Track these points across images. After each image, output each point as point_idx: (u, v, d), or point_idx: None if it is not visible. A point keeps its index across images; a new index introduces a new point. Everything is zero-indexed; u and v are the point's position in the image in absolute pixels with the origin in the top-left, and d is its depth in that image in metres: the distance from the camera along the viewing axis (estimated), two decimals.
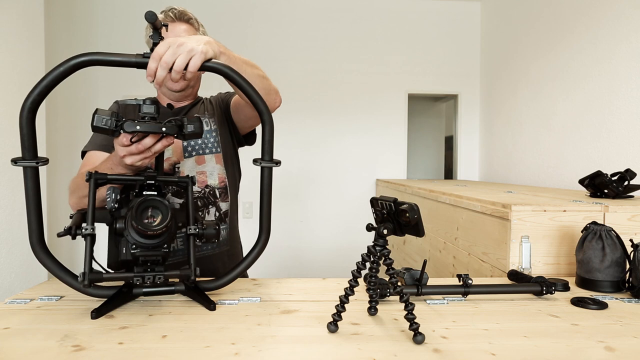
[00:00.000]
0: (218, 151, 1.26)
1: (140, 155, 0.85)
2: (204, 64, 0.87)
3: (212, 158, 1.25)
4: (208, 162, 1.25)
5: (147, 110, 0.83)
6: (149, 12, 0.78)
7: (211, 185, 1.24)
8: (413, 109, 4.11)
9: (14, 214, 2.18)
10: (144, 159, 0.86)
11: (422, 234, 0.73)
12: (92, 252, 0.81)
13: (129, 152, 0.84)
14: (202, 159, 1.24)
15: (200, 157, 1.23)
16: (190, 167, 1.22)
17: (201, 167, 1.23)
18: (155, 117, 0.84)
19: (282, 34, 3.72)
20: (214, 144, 1.26)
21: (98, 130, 0.80)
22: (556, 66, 2.71)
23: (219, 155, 1.26)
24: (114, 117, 0.80)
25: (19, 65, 2.24)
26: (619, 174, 1.51)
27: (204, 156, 1.24)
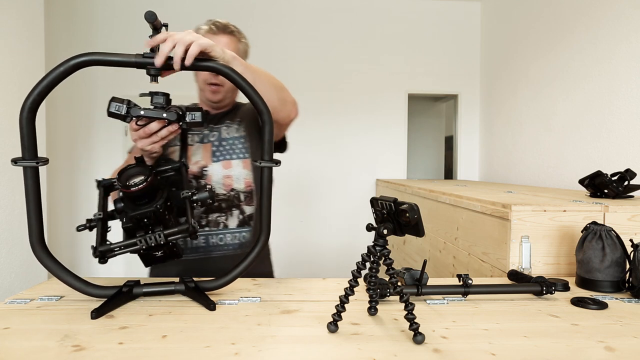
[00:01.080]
0: (246, 157, 1.30)
1: (149, 139, 0.94)
2: (204, 64, 0.87)
3: (240, 163, 1.29)
4: (235, 167, 1.29)
5: (156, 100, 0.92)
6: (149, 12, 0.78)
7: (236, 189, 1.28)
8: (413, 109, 4.11)
9: (14, 214, 2.18)
10: (152, 143, 0.95)
11: (422, 234, 0.73)
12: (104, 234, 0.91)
13: (138, 136, 0.94)
14: (229, 163, 1.28)
15: (227, 162, 1.28)
16: (217, 171, 1.27)
17: (228, 172, 1.28)
18: (163, 106, 0.91)
19: (282, 34, 3.72)
20: (241, 150, 1.31)
21: (112, 115, 0.89)
22: (556, 66, 2.71)
23: (246, 161, 1.30)
24: (125, 104, 0.88)
25: (19, 65, 2.24)
26: (619, 174, 1.51)
27: (231, 161, 1.29)
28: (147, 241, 0.89)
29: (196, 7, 3.67)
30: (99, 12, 3.61)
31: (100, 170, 3.63)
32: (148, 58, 0.83)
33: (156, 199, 0.91)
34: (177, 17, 3.60)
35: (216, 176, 1.26)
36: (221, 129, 1.32)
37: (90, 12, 3.59)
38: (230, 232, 1.28)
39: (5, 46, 2.15)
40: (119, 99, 0.89)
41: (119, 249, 0.89)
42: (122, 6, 3.61)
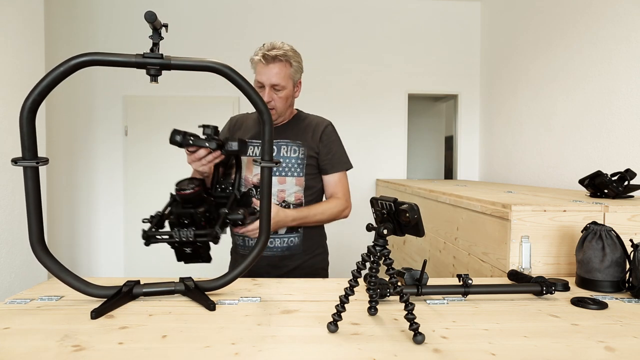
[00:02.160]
0: (300, 175, 1.48)
1: (199, 162, 1.19)
2: (205, 65, 0.87)
3: (293, 180, 1.48)
4: (289, 183, 1.47)
5: (206, 131, 1.17)
6: (149, 12, 0.78)
7: (288, 201, 1.47)
8: (413, 109, 4.10)
9: (14, 214, 2.18)
10: (201, 165, 1.20)
11: (422, 234, 0.73)
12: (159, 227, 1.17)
13: (190, 159, 1.21)
14: (284, 179, 1.47)
15: (282, 178, 1.47)
16: (273, 184, 1.42)
17: (282, 186, 1.47)
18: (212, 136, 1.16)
19: (282, 34, 3.72)
20: (296, 169, 1.48)
21: (173, 144, 1.17)
22: (556, 66, 2.71)
23: (300, 179, 1.48)
24: (181, 135, 1.15)
25: (19, 65, 2.23)
26: (619, 174, 1.51)
27: (285, 178, 1.47)
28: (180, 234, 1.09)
29: (196, 7, 3.67)
30: (99, 12, 3.61)
31: (100, 170, 3.63)
32: (148, 58, 0.83)
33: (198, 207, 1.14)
34: (177, 17, 3.60)
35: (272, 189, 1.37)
36: (281, 146, 1.49)
37: (90, 12, 3.59)
38: (279, 237, 1.46)
39: (6, 46, 2.15)
40: (178, 130, 1.16)
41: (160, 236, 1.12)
42: (122, 6, 3.61)
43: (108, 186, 3.65)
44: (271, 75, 1.40)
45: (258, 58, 1.42)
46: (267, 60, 1.40)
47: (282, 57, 1.41)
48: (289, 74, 1.44)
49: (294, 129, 1.52)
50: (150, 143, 3.58)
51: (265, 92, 1.40)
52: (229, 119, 1.65)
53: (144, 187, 3.59)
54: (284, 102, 1.45)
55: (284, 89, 1.42)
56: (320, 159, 1.52)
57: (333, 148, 1.53)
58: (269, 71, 1.40)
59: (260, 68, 1.42)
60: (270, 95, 1.41)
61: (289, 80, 1.44)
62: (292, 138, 1.49)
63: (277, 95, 1.42)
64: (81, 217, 3.58)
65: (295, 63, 1.46)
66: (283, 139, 1.49)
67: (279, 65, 1.41)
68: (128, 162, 3.59)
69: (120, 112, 3.61)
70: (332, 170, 1.52)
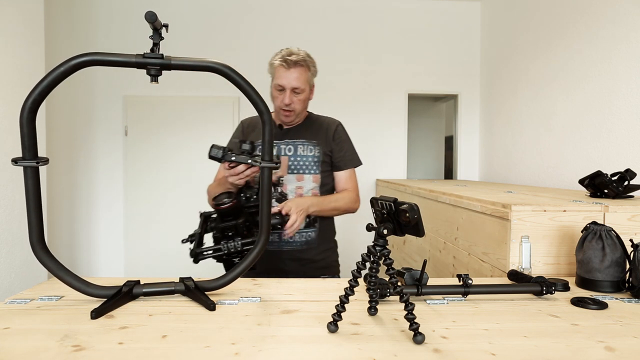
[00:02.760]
0: (316, 173, 1.58)
1: (236, 176, 1.26)
2: (205, 65, 0.87)
3: (310, 178, 1.57)
4: (306, 180, 1.57)
5: (244, 148, 1.23)
6: (149, 12, 0.78)
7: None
8: (413, 109, 4.10)
9: (14, 214, 2.18)
10: (238, 179, 1.28)
11: (422, 234, 0.73)
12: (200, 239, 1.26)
13: (229, 174, 1.27)
14: (302, 177, 1.56)
15: (300, 176, 1.56)
16: (291, 182, 1.55)
17: (300, 183, 1.56)
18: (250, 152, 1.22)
19: (282, 34, 3.72)
20: (313, 167, 1.58)
21: (212, 158, 1.22)
22: (556, 66, 2.71)
23: (316, 177, 1.58)
24: (222, 150, 1.21)
25: (19, 65, 2.23)
26: (619, 174, 1.51)
27: (303, 175, 1.56)
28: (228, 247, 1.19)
29: (196, 7, 3.67)
30: (99, 12, 3.61)
31: (100, 170, 3.63)
32: (148, 58, 0.83)
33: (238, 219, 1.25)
34: (177, 17, 3.60)
35: (290, 185, 1.55)
36: (298, 146, 1.58)
37: (90, 12, 3.59)
38: (298, 232, 1.52)
39: (6, 46, 2.15)
40: (217, 146, 1.23)
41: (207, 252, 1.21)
42: (122, 6, 3.61)
43: (108, 186, 3.65)
44: (292, 79, 1.49)
45: (279, 62, 1.51)
46: (289, 65, 1.49)
47: (302, 62, 1.51)
48: (308, 78, 1.54)
49: (309, 129, 1.62)
50: (150, 143, 3.58)
51: (286, 94, 1.50)
52: (239, 122, 1.72)
53: (144, 187, 3.59)
54: (302, 104, 1.55)
55: (302, 92, 1.53)
56: (334, 157, 1.62)
57: (344, 146, 1.65)
58: (290, 75, 1.49)
59: (282, 72, 1.50)
60: (291, 98, 1.50)
61: (307, 84, 1.54)
62: (308, 138, 1.60)
63: (297, 98, 1.52)
64: (81, 217, 3.58)
65: (312, 68, 1.58)
66: (299, 138, 1.59)
67: (299, 69, 1.50)
68: (128, 162, 3.59)
69: (120, 112, 3.61)
70: (344, 167, 1.63)
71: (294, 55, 1.51)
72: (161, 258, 3.56)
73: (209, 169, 4.07)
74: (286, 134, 1.60)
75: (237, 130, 1.71)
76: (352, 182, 1.65)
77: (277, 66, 1.51)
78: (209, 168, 4.02)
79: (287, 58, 1.49)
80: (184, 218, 3.61)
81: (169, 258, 3.54)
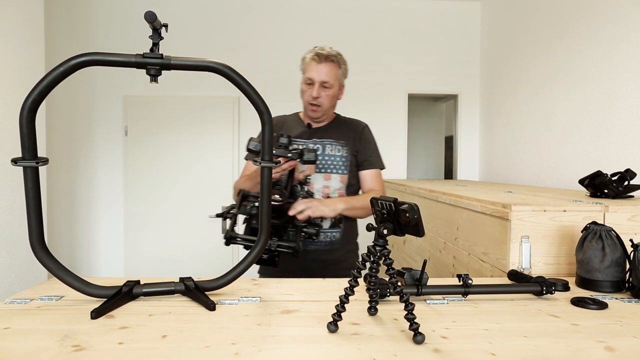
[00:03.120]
0: (344, 173, 1.59)
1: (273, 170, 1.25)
2: (204, 65, 0.87)
3: (337, 177, 1.58)
4: (333, 179, 1.57)
5: (282, 141, 1.26)
6: (149, 12, 0.78)
7: (331, 197, 1.56)
8: (413, 109, 4.10)
9: (14, 214, 2.18)
10: (275, 173, 1.29)
11: (422, 234, 0.73)
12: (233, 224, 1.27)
13: None
14: (329, 176, 1.57)
15: (327, 175, 1.57)
16: (318, 181, 1.56)
17: (327, 182, 1.57)
18: (287, 146, 1.26)
19: (281, 34, 3.72)
20: (340, 167, 1.59)
21: (250, 152, 1.25)
22: (556, 66, 2.71)
23: (344, 177, 1.59)
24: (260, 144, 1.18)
25: (19, 65, 2.23)
26: (619, 174, 1.51)
27: (330, 174, 1.57)
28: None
29: (196, 7, 3.67)
30: (99, 12, 3.61)
31: (100, 170, 3.63)
32: (148, 58, 0.83)
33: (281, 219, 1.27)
34: (177, 17, 3.60)
35: (317, 185, 1.55)
36: (326, 145, 1.59)
37: (90, 12, 3.59)
38: (323, 231, 1.53)
39: (5, 46, 2.15)
40: (256, 139, 1.25)
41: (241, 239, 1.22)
42: (122, 6, 3.61)
43: (108, 186, 3.65)
44: (322, 73, 1.51)
45: (311, 56, 1.53)
46: (320, 59, 1.51)
47: (333, 57, 1.53)
48: (338, 74, 1.56)
49: (337, 129, 1.64)
50: (150, 143, 3.58)
51: (314, 88, 1.51)
52: None
53: (144, 187, 3.59)
54: (330, 100, 1.56)
55: (331, 88, 1.54)
56: (359, 157, 1.63)
57: (370, 147, 1.66)
58: (320, 69, 1.51)
59: (312, 66, 1.52)
60: (319, 92, 1.52)
61: (336, 81, 1.56)
62: (336, 138, 1.61)
63: (325, 93, 1.53)
64: (81, 217, 3.58)
65: (343, 66, 1.59)
66: (327, 138, 1.60)
67: (330, 64, 1.52)
68: (128, 162, 3.59)
69: (120, 112, 3.61)
70: (369, 167, 1.64)
71: (326, 51, 1.54)
72: (161, 258, 3.56)
73: (209, 169, 4.05)
74: (314, 133, 1.61)
75: None
76: (379, 182, 1.65)
77: (309, 60, 1.53)
78: (209, 168, 4.00)
79: (320, 52, 1.52)
80: (184, 218, 3.62)
81: (169, 258, 3.54)
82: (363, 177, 1.64)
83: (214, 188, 3.55)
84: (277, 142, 1.26)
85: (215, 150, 3.55)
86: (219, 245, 3.74)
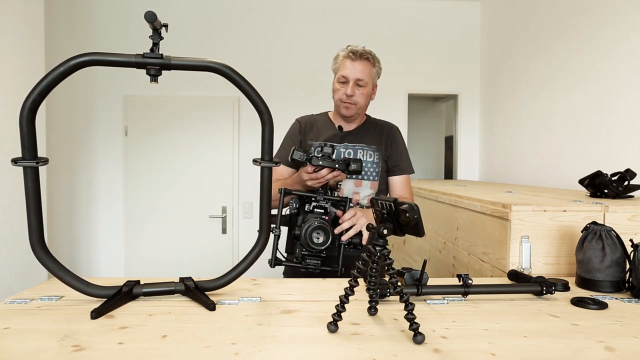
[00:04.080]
0: (375, 179, 1.56)
1: (317, 180, 1.28)
2: (204, 65, 0.87)
3: (368, 184, 1.55)
4: (364, 186, 1.55)
5: (326, 151, 1.27)
6: (149, 12, 0.78)
7: (361, 204, 1.54)
8: (413, 109, 4.10)
9: (14, 214, 2.18)
10: (318, 183, 1.30)
11: (422, 234, 0.73)
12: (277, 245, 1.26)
13: (310, 177, 1.29)
14: (360, 183, 1.55)
15: (358, 182, 1.55)
16: (349, 187, 1.54)
17: (357, 189, 1.54)
18: (331, 156, 1.27)
19: (281, 34, 3.72)
20: (372, 174, 1.55)
21: (294, 161, 1.27)
22: (556, 66, 2.71)
23: (374, 183, 1.56)
24: (305, 154, 1.26)
25: (19, 65, 2.23)
26: (619, 174, 1.51)
27: (362, 181, 1.55)
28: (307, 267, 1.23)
29: (196, 7, 3.67)
30: (99, 12, 3.61)
31: (100, 170, 3.63)
32: (148, 58, 0.83)
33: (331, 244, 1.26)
34: (177, 17, 3.60)
35: (347, 191, 1.53)
36: (357, 150, 1.55)
37: (90, 12, 3.59)
38: None
39: (5, 46, 2.15)
40: (300, 149, 1.27)
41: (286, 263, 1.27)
42: (122, 6, 3.61)
43: (108, 186, 3.64)
44: (357, 71, 1.48)
45: (345, 53, 1.50)
46: (355, 57, 1.48)
47: (368, 55, 1.51)
48: (372, 73, 1.53)
49: (368, 133, 1.60)
50: (150, 143, 3.58)
51: (349, 86, 1.48)
52: (296, 121, 1.66)
53: (144, 187, 3.58)
54: (364, 99, 1.53)
55: (366, 86, 1.51)
56: (390, 162, 1.60)
57: (401, 152, 1.62)
58: (355, 67, 1.48)
59: (347, 63, 1.49)
60: (353, 90, 1.49)
61: (370, 79, 1.53)
62: (368, 142, 1.57)
63: (359, 91, 1.50)
64: (81, 217, 3.57)
65: (377, 65, 1.56)
66: (359, 143, 1.57)
67: (364, 62, 1.50)
68: (128, 162, 3.59)
69: (120, 112, 3.61)
70: (399, 173, 1.61)
71: (360, 48, 1.52)
72: (161, 258, 3.56)
73: (209, 169, 4.05)
74: (345, 137, 1.57)
75: (293, 128, 1.64)
76: (408, 188, 1.62)
77: (343, 58, 1.51)
78: (209, 168, 4.00)
79: (354, 49, 1.50)
80: (184, 218, 3.62)
81: (169, 258, 3.54)
82: (392, 182, 1.61)
83: (214, 188, 3.55)
84: (322, 152, 1.27)
85: (215, 150, 3.54)
86: (219, 245, 3.72)
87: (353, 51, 1.49)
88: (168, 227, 3.56)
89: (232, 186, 3.51)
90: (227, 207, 3.50)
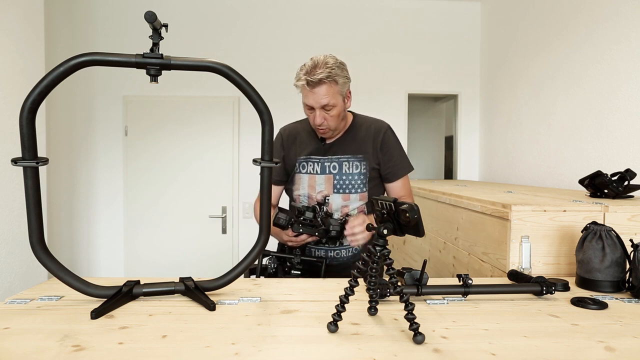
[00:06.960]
0: (363, 191, 1.52)
1: (296, 242, 1.40)
2: (203, 65, 0.87)
3: (356, 197, 1.51)
4: (352, 199, 1.51)
5: (308, 216, 1.32)
6: (149, 12, 0.78)
7: (351, 214, 1.51)
8: (413, 109, 4.10)
9: (14, 214, 2.18)
10: (297, 244, 1.40)
11: (422, 234, 0.73)
12: None
13: (289, 239, 1.39)
14: (348, 197, 1.51)
15: (346, 195, 1.51)
16: (337, 201, 1.50)
17: (346, 202, 1.51)
18: (312, 221, 1.34)
19: (281, 34, 3.72)
20: (360, 186, 1.51)
21: (277, 225, 1.33)
22: (556, 66, 2.71)
23: (363, 194, 1.52)
24: (287, 219, 1.33)
25: (19, 65, 2.23)
26: (619, 174, 1.51)
27: (349, 195, 1.51)
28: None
29: (196, 7, 3.67)
30: (99, 12, 3.61)
31: (100, 170, 3.63)
32: (148, 58, 0.83)
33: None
34: (177, 17, 3.60)
35: (336, 205, 1.50)
36: (343, 163, 1.51)
37: (89, 12, 3.59)
38: (345, 247, 1.54)
39: (5, 46, 2.15)
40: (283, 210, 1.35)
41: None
42: (121, 6, 3.61)
43: (108, 186, 3.64)
44: (319, 97, 1.38)
45: (302, 83, 1.38)
46: (313, 85, 1.36)
47: (326, 78, 1.37)
48: (337, 91, 1.41)
49: (354, 141, 1.52)
50: (150, 143, 3.58)
51: (316, 114, 1.40)
52: (278, 132, 1.61)
53: (144, 187, 3.58)
54: (336, 120, 1.44)
55: (334, 107, 1.41)
56: (382, 168, 1.53)
57: (394, 154, 1.54)
58: (316, 94, 1.38)
59: (307, 92, 1.39)
60: (322, 116, 1.41)
61: (338, 97, 1.42)
62: (353, 152, 1.51)
63: (329, 115, 1.41)
64: (81, 217, 3.57)
65: (341, 79, 1.42)
66: (344, 154, 1.50)
67: (324, 87, 1.37)
68: (128, 162, 3.59)
69: (120, 112, 3.61)
70: (395, 178, 1.54)
71: (318, 69, 1.36)
72: (161, 258, 3.56)
73: (209, 169, 4.07)
74: (329, 149, 1.51)
75: (275, 141, 1.57)
76: (407, 189, 1.57)
77: (302, 87, 1.40)
78: (209, 168, 4.01)
79: (309, 79, 1.36)
80: (184, 218, 3.62)
81: (169, 258, 3.54)
82: (389, 189, 1.57)
83: (214, 188, 3.55)
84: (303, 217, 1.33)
85: (215, 150, 3.54)
86: (219, 245, 3.72)
87: (308, 81, 1.36)
88: (168, 227, 3.56)
89: (232, 186, 3.51)
90: (227, 207, 3.50)
